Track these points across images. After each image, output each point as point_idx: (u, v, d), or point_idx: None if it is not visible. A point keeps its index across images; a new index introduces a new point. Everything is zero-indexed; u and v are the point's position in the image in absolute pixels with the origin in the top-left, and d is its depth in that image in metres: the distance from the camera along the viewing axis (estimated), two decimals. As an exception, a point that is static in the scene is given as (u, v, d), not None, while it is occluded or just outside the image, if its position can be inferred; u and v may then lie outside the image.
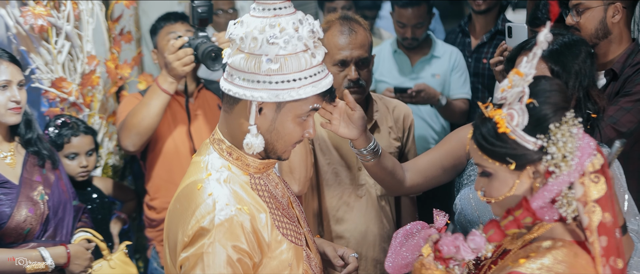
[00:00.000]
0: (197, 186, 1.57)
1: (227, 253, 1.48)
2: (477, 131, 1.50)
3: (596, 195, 1.44)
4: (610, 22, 2.32)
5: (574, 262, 1.44)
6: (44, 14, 2.86)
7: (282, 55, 1.52)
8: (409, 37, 3.58)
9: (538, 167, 1.46)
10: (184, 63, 2.65)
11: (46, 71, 2.98)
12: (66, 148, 2.76)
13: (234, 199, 1.55)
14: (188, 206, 1.55)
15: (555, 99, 1.47)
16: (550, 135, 1.44)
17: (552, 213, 1.46)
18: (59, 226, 2.47)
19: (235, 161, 1.63)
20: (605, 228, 1.45)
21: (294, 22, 1.54)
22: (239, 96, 1.56)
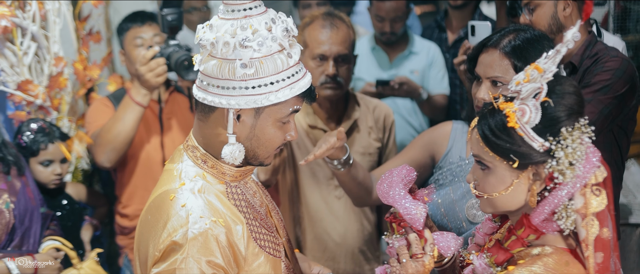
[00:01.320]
0: (170, 196, 1.49)
1: (201, 268, 1.42)
2: (483, 121, 1.44)
3: (596, 208, 1.39)
4: (562, 16, 2.33)
5: (565, 271, 1.40)
6: (8, 14, 2.76)
7: (257, 59, 1.46)
8: (388, 32, 3.55)
9: (539, 170, 1.41)
10: (157, 74, 2.58)
11: (12, 73, 2.88)
12: (41, 155, 2.67)
13: (209, 210, 1.48)
14: (160, 217, 1.48)
15: (571, 101, 1.41)
16: (560, 139, 1.38)
17: (550, 226, 1.43)
18: (26, 235, 2.39)
19: (211, 169, 1.56)
20: (603, 243, 1.41)
21: (267, 22, 1.48)
22: (215, 104, 1.49)
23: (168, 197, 1.49)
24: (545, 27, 2.33)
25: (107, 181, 3.09)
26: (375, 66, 3.64)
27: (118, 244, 2.99)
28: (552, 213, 1.42)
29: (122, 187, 2.89)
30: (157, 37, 2.80)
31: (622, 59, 2.30)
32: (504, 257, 1.47)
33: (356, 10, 4.74)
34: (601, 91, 2.21)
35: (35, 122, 2.71)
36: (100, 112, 2.82)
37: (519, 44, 1.88)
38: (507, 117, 1.39)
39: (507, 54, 1.88)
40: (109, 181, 3.05)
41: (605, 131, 2.30)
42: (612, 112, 2.23)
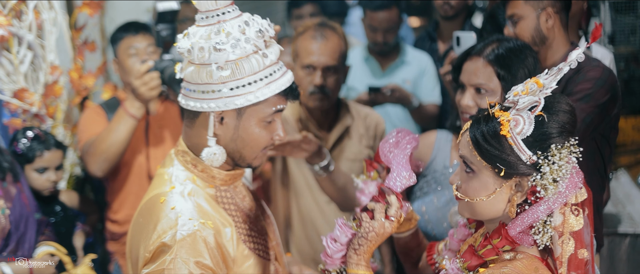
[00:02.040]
0: (160, 199, 1.53)
1: (189, 269, 1.45)
2: (476, 126, 1.45)
3: (573, 227, 1.41)
4: (544, 28, 2.38)
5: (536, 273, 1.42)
6: (5, 23, 2.80)
7: (232, 61, 1.49)
8: (380, 42, 3.60)
9: (523, 182, 1.42)
10: (151, 87, 2.61)
11: (8, 81, 2.92)
12: (36, 162, 2.70)
13: (198, 213, 1.51)
14: (150, 220, 1.52)
15: (565, 119, 1.43)
16: (548, 154, 1.40)
17: (526, 239, 1.44)
18: (21, 241, 2.41)
19: (200, 173, 1.59)
20: (578, 263, 1.42)
21: (240, 25, 1.51)
22: (197, 108, 1.53)
23: (159, 200, 1.53)
24: (529, 38, 2.38)
25: (98, 188, 3.12)
26: (368, 75, 3.69)
27: (108, 250, 3.01)
28: (529, 227, 1.43)
29: (113, 193, 2.91)
30: (150, 47, 2.84)
31: (603, 69, 2.34)
32: (476, 263, 1.48)
33: (349, 21, 4.79)
34: (583, 100, 2.25)
35: (31, 130, 2.74)
36: (92, 121, 2.85)
37: (502, 52, 1.92)
38: (500, 125, 1.40)
39: (491, 62, 1.92)
40: (100, 188, 3.08)
41: (588, 140, 2.34)
42: (594, 121, 2.27)
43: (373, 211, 1.48)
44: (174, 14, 2.85)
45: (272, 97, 1.54)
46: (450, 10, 3.55)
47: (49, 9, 3.03)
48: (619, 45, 4.63)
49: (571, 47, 2.43)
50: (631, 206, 3.63)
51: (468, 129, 1.47)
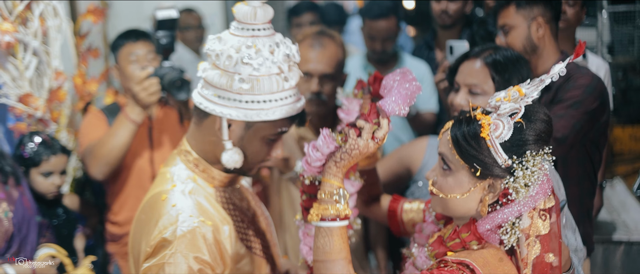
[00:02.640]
0: (162, 197, 1.58)
1: (188, 263, 1.49)
2: (457, 126, 1.51)
3: (540, 231, 1.47)
4: (535, 37, 2.44)
5: (497, 264, 1.48)
6: (11, 30, 2.85)
7: (255, 77, 1.54)
8: (379, 50, 3.65)
9: (496, 184, 1.48)
10: (150, 93, 2.68)
11: (13, 86, 2.97)
12: (43, 166, 2.75)
13: (198, 210, 1.57)
14: (152, 216, 1.57)
15: (541, 128, 1.49)
16: (523, 160, 1.46)
17: (494, 237, 1.50)
18: (23, 243, 2.45)
19: (201, 173, 1.65)
20: (543, 266, 1.48)
21: (271, 45, 1.55)
22: (209, 110, 1.58)
23: (160, 198, 1.59)
24: (520, 47, 2.44)
25: (98, 192, 3.17)
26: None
27: (108, 251, 3.06)
28: (498, 226, 1.49)
29: (113, 196, 2.97)
30: (150, 54, 2.90)
31: (593, 76, 2.40)
32: (444, 251, 1.54)
33: (348, 29, 4.85)
34: (573, 107, 2.30)
35: (38, 135, 2.80)
36: (93, 125, 2.91)
37: (500, 59, 1.97)
38: (481, 127, 1.46)
39: (488, 65, 1.97)
40: (100, 191, 3.12)
41: (577, 146, 2.39)
42: (583, 127, 2.32)
43: (361, 130, 1.48)
44: (173, 22, 2.92)
45: (281, 120, 1.59)
46: (448, 19, 3.61)
47: (54, 16, 3.08)
48: (617, 55, 4.68)
49: (561, 56, 2.48)
50: (626, 214, 3.67)
51: (449, 128, 1.53)
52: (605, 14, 4.53)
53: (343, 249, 1.46)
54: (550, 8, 2.46)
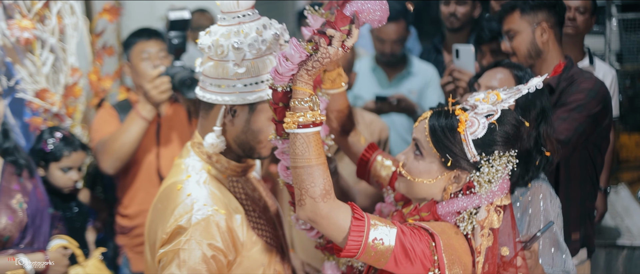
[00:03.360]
0: (177, 187, 1.65)
1: (202, 250, 1.56)
2: (436, 117, 1.60)
3: (494, 225, 1.58)
4: (540, 42, 2.49)
5: (453, 235, 1.57)
6: (30, 27, 2.93)
7: (248, 60, 1.61)
8: (388, 53, 3.70)
9: (462, 176, 1.59)
10: (161, 91, 2.77)
11: (31, 81, 3.05)
12: (63, 161, 2.83)
13: (212, 199, 1.63)
14: (168, 205, 1.64)
15: (512, 133, 1.60)
16: (490, 158, 1.57)
17: (451, 219, 1.60)
18: (37, 234, 2.52)
19: (215, 163, 1.71)
20: (493, 256, 1.59)
21: (258, 27, 1.63)
22: (212, 101, 1.65)
23: (176, 188, 1.65)
24: (525, 52, 2.50)
25: (109, 186, 3.24)
26: (375, 85, 3.79)
27: (118, 243, 3.14)
28: (456, 212, 1.59)
29: (123, 189, 3.05)
30: (162, 52, 2.98)
31: (596, 81, 2.44)
32: (400, 220, 1.64)
33: (359, 32, 4.89)
34: (576, 110, 2.35)
35: (59, 131, 2.88)
36: (105, 121, 2.99)
37: (528, 79, 1.99)
38: (459, 122, 1.57)
39: (516, 77, 2.02)
40: (111, 186, 3.20)
41: (580, 149, 2.43)
42: (586, 130, 2.36)
43: (331, 38, 1.48)
44: (185, 23, 3.00)
45: None
46: (457, 23, 3.65)
47: (71, 14, 3.17)
48: (625, 63, 4.69)
49: (565, 61, 2.52)
50: (629, 220, 3.70)
51: (427, 117, 1.62)
52: (615, 22, 4.55)
53: (320, 154, 1.49)
54: (554, 13, 2.51)
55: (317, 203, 1.47)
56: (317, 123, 1.48)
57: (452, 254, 1.53)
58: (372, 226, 1.49)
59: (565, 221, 2.51)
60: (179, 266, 1.55)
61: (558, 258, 1.95)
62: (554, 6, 2.51)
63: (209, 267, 1.57)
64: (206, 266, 1.56)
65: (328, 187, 1.49)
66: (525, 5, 2.50)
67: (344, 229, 1.48)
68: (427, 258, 1.51)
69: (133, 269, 3.07)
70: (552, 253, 1.94)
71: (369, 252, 1.48)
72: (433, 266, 1.51)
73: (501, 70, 2.01)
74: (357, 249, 1.48)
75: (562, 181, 2.49)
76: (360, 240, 1.47)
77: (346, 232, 1.48)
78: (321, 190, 1.47)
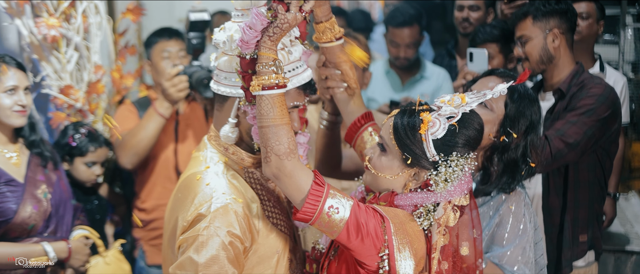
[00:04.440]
0: (197, 177, 1.72)
1: (220, 237, 1.63)
2: (400, 116, 1.68)
3: (450, 223, 1.65)
4: (551, 48, 2.53)
5: (406, 220, 1.64)
6: (56, 25, 3.03)
7: None
8: (401, 57, 3.76)
9: (421, 173, 1.66)
10: (179, 89, 2.87)
11: (55, 78, 3.14)
12: (88, 156, 2.93)
13: (230, 189, 1.70)
14: (188, 194, 1.71)
15: (472, 135, 1.66)
16: (448, 159, 1.64)
17: (408, 209, 1.67)
18: (60, 223, 2.61)
19: (232, 155, 1.78)
20: (447, 253, 1.66)
21: None
22: (226, 94, 1.73)
23: (195, 178, 1.73)
24: (537, 58, 2.54)
25: (127, 181, 3.33)
26: (388, 88, 3.85)
27: (134, 236, 3.23)
28: (414, 206, 1.67)
29: (141, 184, 3.14)
30: (181, 52, 3.07)
31: (605, 86, 2.48)
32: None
33: (373, 37, 4.96)
34: (585, 114, 2.39)
35: (84, 126, 2.98)
36: (125, 117, 3.10)
37: (521, 91, 1.97)
38: (421, 122, 1.63)
39: (507, 88, 2.00)
40: (129, 181, 3.29)
41: (589, 152, 2.48)
42: (595, 134, 2.41)
43: (288, 4, 1.59)
44: (205, 24, 3.09)
45: (293, 93, 1.72)
46: (469, 27, 3.70)
47: (96, 13, 3.26)
48: (640, 73, 4.69)
49: (576, 66, 2.57)
50: (639, 226, 3.72)
51: (394, 115, 1.70)
52: (630, 31, 4.54)
53: (285, 115, 1.58)
54: (566, 20, 2.55)
55: (281, 160, 1.56)
56: (280, 85, 1.57)
57: (404, 238, 1.60)
58: (330, 195, 1.57)
59: (573, 223, 2.57)
60: (198, 251, 1.61)
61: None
62: (566, 13, 2.56)
63: (227, 253, 1.63)
64: (225, 253, 1.63)
65: (292, 147, 1.57)
66: (537, 11, 2.55)
67: (304, 190, 1.56)
68: (378, 238, 1.58)
69: (149, 262, 3.16)
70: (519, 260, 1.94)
71: (324, 218, 1.56)
72: (383, 247, 1.58)
73: (494, 79, 2.02)
74: (312, 213, 1.55)
75: (571, 184, 2.54)
76: (317, 205, 1.55)
77: (305, 194, 1.56)
78: (286, 148, 1.56)
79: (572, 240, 2.57)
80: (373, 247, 1.58)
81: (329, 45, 1.92)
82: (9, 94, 2.43)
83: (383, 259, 1.59)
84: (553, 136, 2.39)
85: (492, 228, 1.94)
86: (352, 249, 1.59)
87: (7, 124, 2.47)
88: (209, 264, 1.61)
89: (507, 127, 1.92)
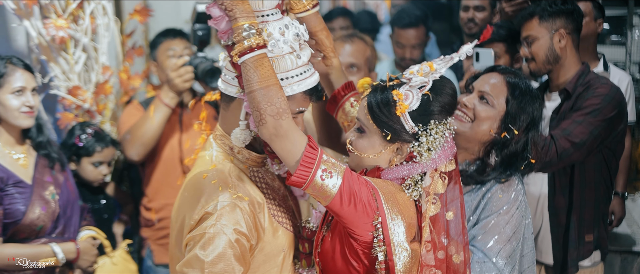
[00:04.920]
0: (203, 176, 1.74)
1: (227, 235, 1.64)
2: (373, 94, 1.69)
3: (439, 190, 1.66)
4: (558, 48, 2.54)
5: (395, 192, 1.65)
6: (65, 26, 3.05)
7: (270, 58, 1.68)
8: (407, 58, 3.76)
9: (403, 147, 1.68)
10: (185, 80, 2.92)
11: (63, 79, 3.17)
12: (95, 156, 2.96)
13: (236, 188, 1.71)
14: (194, 193, 1.72)
15: (446, 101, 1.68)
16: (427, 128, 1.65)
17: (397, 181, 1.68)
18: (68, 224, 2.62)
19: (237, 155, 1.80)
20: (440, 221, 1.67)
21: (281, 27, 1.70)
22: (233, 94, 1.74)
23: (202, 177, 1.74)
24: (543, 58, 2.55)
25: (135, 180, 3.35)
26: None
27: (142, 236, 3.24)
28: (402, 179, 1.68)
29: (148, 183, 3.17)
30: (186, 50, 3.11)
31: (611, 86, 2.48)
32: None
33: (379, 38, 4.96)
34: (591, 114, 2.39)
35: (90, 126, 3.00)
36: (132, 116, 3.13)
37: (522, 87, 1.97)
38: (395, 100, 1.64)
39: (508, 84, 1.98)
40: (137, 180, 3.31)
41: (595, 152, 2.48)
42: (601, 134, 2.41)
43: None
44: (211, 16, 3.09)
45: (299, 97, 1.73)
46: (475, 28, 3.71)
47: (103, 15, 3.28)
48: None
49: (582, 66, 2.57)
50: (646, 227, 3.72)
51: (367, 96, 1.71)
52: (637, 32, 4.53)
53: (271, 76, 1.56)
54: (572, 20, 2.55)
55: (277, 120, 1.54)
56: (254, 47, 1.57)
57: (395, 207, 1.61)
58: (323, 160, 1.56)
59: (579, 223, 2.57)
60: (204, 249, 1.63)
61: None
62: (572, 13, 2.56)
63: (234, 251, 1.64)
64: (232, 251, 1.64)
65: (285, 106, 1.56)
66: (543, 12, 2.55)
67: (298, 153, 1.55)
68: (370, 205, 1.58)
69: (156, 261, 3.18)
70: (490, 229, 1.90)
71: (317, 182, 1.55)
72: (376, 215, 1.58)
73: (495, 75, 2.01)
74: (306, 177, 1.54)
75: (577, 184, 2.54)
76: (310, 168, 1.54)
77: (299, 157, 1.54)
78: (278, 108, 1.55)
79: (578, 240, 2.57)
80: (365, 215, 1.58)
81: (304, 15, 1.87)
82: (17, 95, 2.45)
83: (377, 227, 1.59)
84: (559, 135, 2.39)
85: (478, 214, 1.92)
86: (344, 216, 1.58)
87: (14, 125, 2.48)
88: (216, 262, 1.62)
89: (508, 124, 1.92)
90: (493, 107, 1.95)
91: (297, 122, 1.76)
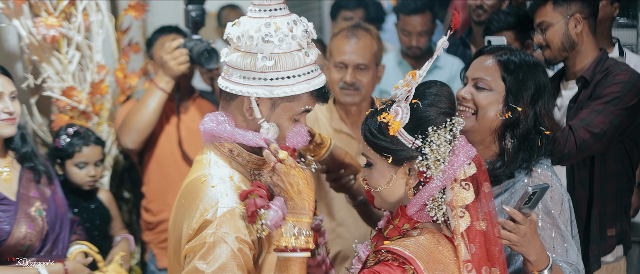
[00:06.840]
0: (201, 180, 1.64)
1: (229, 245, 1.55)
2: (366, 122, 1.61)
3: (465, 201, 1.53)
4: (573, 34, 2.43)
5: (433, 248, 1.53)
6: (56, 25, 2.95)
7: (277, 54, 1.60)
8: (414, 46, 3.69)
9: (413, 166, 1.55)
10: (180, 62, 2.84)
11: (57, 80, 3.06)
12: (76, 157, 2.83)
13: (236, 192, 1.62)
14: (193, 200, 1.63)
15: (441, 104, 1.55)
16: (427, 137, 1.52)
17: (423, 215, 1.56)
18: (57, 241, 2.46)
19: (236, 157, 1.71)
20: (475, 234, 1.54)
21: (289, 23, 1.62)
22: (236, 92, 1.64)
23: (199, 182, 1.64)
24: (558, 45, 2.44)
25: (136, 183, 3.25)
26: (401, 79, 3.75)
27: (143, 240, 3.15)
28: (424, 205, 1.55)
29: (146, 184, 3.08)
30: None
31: (632, 73, 2.38)
32: (382, 241, 1.60)
33: (385, 27, 4.87)
34: (611, 102, 2.29)
35: (72, 127, 2.88)
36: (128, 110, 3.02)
37: (515, 60, 1.90)
38: (383, 121, 1.55)
39: (500, 63, 1.90)
40: (138, 183, 3.21)
41: (615, 142, 2.38)
42: (622, 123, 2.31)
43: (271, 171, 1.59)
44: None
45: (305, 97, 1.65)
46: (484, 15, 3.60)
47: (97, 11, 3.18)
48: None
49: (600, 52, 2.46)
50: (665, 216, 3.61)
51: (361, 127, 1.63)
52: (648, 17, 4.42)
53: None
54: (588, 4, 2.45)
55: None
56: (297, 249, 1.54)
57: (437, 268, 1.50)
58: None
59: (601, 217, 2.47)
60: (205, 260, 1.54)
61: (559, 245, 1.85)
62: None
63: (236, 261, 1.56)
64: (234, 261, 1.55)
65: None
66: None
67: None
68: None
69: (159, 266, 3.09)
70: (553, 237, 1.85)
71: None
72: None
73: (484, 57, 1.93)
74: None
75: (597, 176, 2.44)
76: None
77: None
78: None
79: (600, 235, 2.48)
80: None
81: (328, 155, 1.94)
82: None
83: None
84: (578, 126, 2.30)
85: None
86: None
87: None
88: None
89: (509, 103, 1.83)
90: (491, 90, 1.87)
91: (302, 122, 1.69)
